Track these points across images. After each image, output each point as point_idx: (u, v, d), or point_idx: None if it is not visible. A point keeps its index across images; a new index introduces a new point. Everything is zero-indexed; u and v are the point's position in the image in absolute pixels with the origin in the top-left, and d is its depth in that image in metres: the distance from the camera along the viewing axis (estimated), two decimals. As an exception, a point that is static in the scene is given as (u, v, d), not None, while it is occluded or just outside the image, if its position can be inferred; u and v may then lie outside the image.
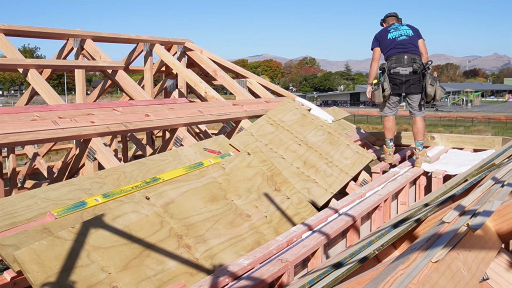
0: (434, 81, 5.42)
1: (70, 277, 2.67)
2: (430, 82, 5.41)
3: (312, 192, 4.75)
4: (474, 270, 2.05)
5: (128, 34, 7.74)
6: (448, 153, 6.65)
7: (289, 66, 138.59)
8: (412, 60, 5.46)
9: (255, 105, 6.64)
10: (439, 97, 5.49)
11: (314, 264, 3.42)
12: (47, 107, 4.72)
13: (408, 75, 5.46)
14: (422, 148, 5.80)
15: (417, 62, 5.45)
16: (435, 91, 5.43)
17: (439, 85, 5.44)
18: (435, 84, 5.41)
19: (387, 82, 5.57)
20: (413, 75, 5.45)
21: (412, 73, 5.44)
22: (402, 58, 5.48)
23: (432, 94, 5.42)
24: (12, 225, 2.98)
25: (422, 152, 5.83)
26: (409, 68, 5.45)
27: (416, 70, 5.44)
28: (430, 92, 5.41)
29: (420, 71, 5.44)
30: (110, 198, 3.42)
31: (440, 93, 5.46)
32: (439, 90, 5.45)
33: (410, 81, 5.48)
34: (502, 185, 2.85)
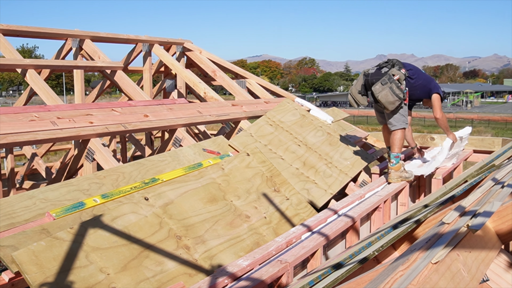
0: (386, 81, 4.65)
1: (68, 278, 2.65)
2: (382, 80, 4.67)
3: (312, 193, 4.74)
4: (474, 271, 2.05)
5: (127, 34, 7.73)
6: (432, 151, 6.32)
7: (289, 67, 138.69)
8: (387, 61, 4.90)
9: (254, 106, 6.63)
10: (384, 99, 4.64)
11: (314, 265, 3.41)
12: (46, 108, 4.71)
13: (373, 73, 4.80)
14: (396, 161, 4.93)
15: (389, 63, 4.83)
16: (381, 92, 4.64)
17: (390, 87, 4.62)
18: (386, 85, 4.63)
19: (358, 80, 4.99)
20: (376, 74, 4.77)
21: (376, 70, 4.80)
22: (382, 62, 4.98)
23: (376, 93, 4.65)
24: (10, 226, 2.97)
25: (397, 166, 4.93)
26: (376, 67, 4.87)
27: (380, 67, 4.80)
28: (375, 90, 4.67)
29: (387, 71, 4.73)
30: (109, 198, 3.41)
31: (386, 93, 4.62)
32: (386, 91, 4.62)
33: (373, 80, 4.76)
34: (502, 186, 2.85)
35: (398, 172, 4.95)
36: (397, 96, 4.63)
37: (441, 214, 2.73)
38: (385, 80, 4.66)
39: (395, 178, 4.95)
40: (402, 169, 4.99)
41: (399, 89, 4.66)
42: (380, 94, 4.63)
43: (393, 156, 4.95)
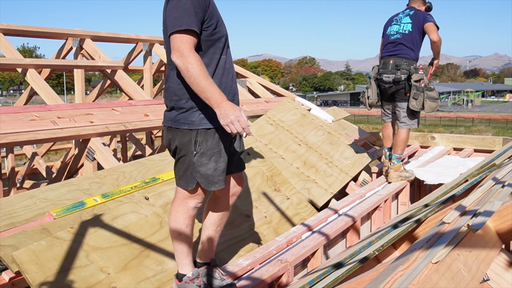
0: (418, 93, 4.69)
1: (69, 277, 2.66)
2: (413, 94, 4.70)
3: (312, 192, 4.74)
4: (475, 271, 2.04)
5: (127, 34, 7.73)
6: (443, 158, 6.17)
7: (289, 66, 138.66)
8: (396, 66, 4.81)
9: (255, 105, 6.63)
10: (430, 109, 4.71)
11: (314, 264, 3.41)
12: (46, 107, 4.71)
13: (391, 82, 4.81)
14: (397, 162, 5.03)
15: (403, 68, 4.77)
16: (422, 104, 4.71)
17: (428, 96, 4.68)
18: (420, 97, 4.68)
19: (371, 89, 4.99)
20: (396, 83, 4.79)
21: (394, 81, 4.79)
22: (388, 64, 4.88)
23: (416, 108, 4.73)
24: (10, 226, 2.97)
25: (397, 166, 5.02)
26: (392, 76, 4.80)
27: (398, 78, 4.77)
28: (413, 107, 4.72)
29: (406, 78, 4.74)
30: (109, 198, 3.41)
31: (430, 105, 4.69)
32: (428, 103, 4.69)
33: (393, 88, 4.83)
34: (502, 186, 2.84)
35: (398, 172, 5.01)
36: (436, 99, 4.70)
37: (442, 214, 2.72)
38: (416, 94, 4.68)
39: (394, 178, 5.00)
40: (402, 169, 5.04)
41: (431, 90, 4.68)
42: (426, 108, 4.67)
43: (395, 157, 4.99)
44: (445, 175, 5.15)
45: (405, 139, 4.95)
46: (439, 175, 5.23)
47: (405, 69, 4.74)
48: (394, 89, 4.80)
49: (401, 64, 4.77)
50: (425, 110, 4.68)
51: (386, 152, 5.13)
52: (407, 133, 4.93)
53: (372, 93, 4.97)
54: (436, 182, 5.12)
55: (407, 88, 4.74)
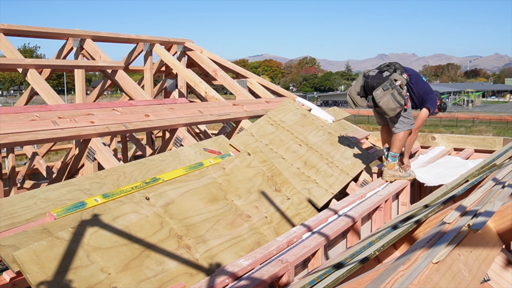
0: (388, 86, 4.52)
1: (69, 277, 2.66)
2: (383, 85, 4.54)
3: (313, 193, 4.74)
4: (475, 271, 2.04)
5: (128, 34, 7.73)
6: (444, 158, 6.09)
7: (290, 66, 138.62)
8: (389, 64, 4.76)
9: (255, 105, 6.63)
10: (385, 105, 4.54)
11: (315, 264, 3.41)
12: (47, 107, 4.71)
13: (374, 76, 4.68)
14: (392, 160, 4.95)
15: (390, 68, 4.68)
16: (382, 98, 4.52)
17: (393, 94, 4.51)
18: (388, 91, 4.51)
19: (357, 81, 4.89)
20: (377, 78, 4.64)
21: (377, 73, 4.68)
22: (383, 64, 4.85)
23: (377, 99, 4.54)
24: (11, 226, 2.97)
25: (391, 165, 4.96)
26: (377, 70, 4.75)
27: (382, 70, 4.67)
28: (376, 96, 4.55)
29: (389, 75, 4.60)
30: (110, 198, 3.41)
31: (387, 100, 4.52)
32: (388, 97, 4.51)
33: (374, 84, 4.64)
34: (503, 186, 2.84)
35: (391, 171, 4.97)
36: (398, 103, 4.57)
37: (442, 214, 2.72)
38: (386, 85, 4.54)
39: (387, 176, 4.98)
40: (397, 168, 4.98)
41: (400, 95, 4.57)
42: (382, 100, 4.54)
43: (391, 155, 4.95)
44: (446, 176, 5.12)
45: (402, 138, 4.88)
46: (439, 177, 5.20)
47: (392, 68, 4.68)
48: (374, 84, 4.63)
49: (392, 64, 4.75)
50: (381, 104, 4.54)
51: (385, 152, 5.10)
52: (403, 133, 4.86)
53: (356, 85, 4.86)
54: (437, 184, 5.08)
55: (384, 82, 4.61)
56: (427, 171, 5.42)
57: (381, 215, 4.47)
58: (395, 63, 4.82)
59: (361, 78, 4.86)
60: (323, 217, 4.01)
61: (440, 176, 5.22)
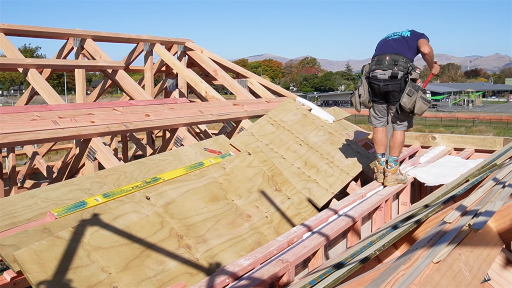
0: (413, 91, 4.43)
1: (70, 277, 2.66)
2: (408, 91, 4.43)
3: (313, 192, 4.74)
4: (476, 271, 2.04)
5: (128, 34, 7.73)
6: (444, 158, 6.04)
7: (290, 66, 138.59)
8: (394, 62, 4.52)
9: (256, 105, 6.63)
10: (420, 111, 4.49)
11: (315, 264, 3.41)
12: (47, 107, 4.72)
13: (387, 80, 4.51)
14: (395, 165, 4.88)
15: (400, 65, 4.49)
16: (413, 103, 4.45)
17: (421, 96, 4.43)
18: (414, 95, 4.42)
19: (363, 87, 4.70)
20: (392, 80, 4.50)
21: (391, 77, 4.49)
22: (383, 60, 4.57)
23: (407, 106, 4.46)
24: (12, 225, 2.97)
25: (394, 169, 4.88)
26: (388, 72, 4.50)
27: (395, 74, 4.47)
28: (405, 103, 4.45)
29: (403, 76, 4.47)
30: (110, 198, 3.41)
31: (421, 105, 4.45)
32: (420, 103, 4.44)
33: (389, 87, 4.53)
34: (503, 186, 2.84)
35: (395, 175, 4.89)
36: (429, 102, 4.51)
37: (443, 214, 2.72)
38: (411, 90, 4.42)
39: (392, 181, 4.88)
40: (398, 172, 4.94)
41: (424, 93, 4.50)
42: (416, 107, 4.45)
43: (393, 160, 4.86)
44: (446, 176, 5.12)
45: (402, 140, 4.82)
46: (440, 176, 5.20)
47: (403, 66, 4.49)
48: (390, 87, 4.53)
49: (399, 60, 4.51)
50: (415, 110, 4.48)
51: (380, 158, 4.94)
52: (404, 134, 4.84)
53: (364, 91, 4.69)
54: (437, 183, 5.08)
55: (403, 86, 4.48)
56: (427, 171, 5.40)
57: (381, 215, 4.48)
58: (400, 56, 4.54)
59: (365, 81, 4.69)
60: (324, 217, 4.01)
61: (440, 176, 5.22)
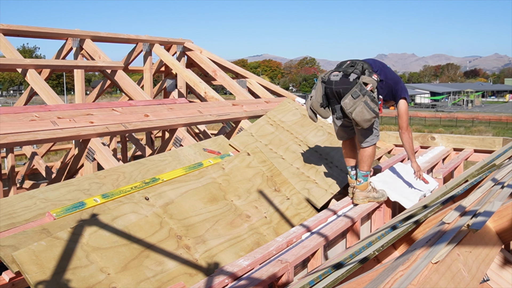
0: (359, 93, 3.79)
1: (69, 277, 2.66)
2: (353, 92, 3.80)
3: (312, 193, 4.74)
4: (475, 271, 2.04)
5: (127, 34, 7.73)
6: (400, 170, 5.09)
7: (289, 66, 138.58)
8: (351, 64, 4.02)
9: (255, 106, 6.63)
10: (359, 117, 3.79)
11: (314, 264, 3.41)
12: (46, 107, 4.71)
13: (338, 81, 3.95)
14: (364, 180, 4.25)
15: (357, 68, 3.94)
16: (354, 108, 3.78)
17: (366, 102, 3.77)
18: (359, 99, 3.77)
19: (316, 90, 4.14)
20: (343, 83, 3.92)
21: (342, 77, 3.94)
22: (343, 64, 4.11)
23: (347, 108, 3.80)
24: (10, 226, 2.97)
25: (364, 185, 4.24)
26: (341, 73, 3.98)
27: (346, 73, 3.93)
28: (345, 104, 3.81)
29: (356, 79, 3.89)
30: (109, 198, 3.41)
31: (361, 110, 3.77)
32: (361, 107, 3.77)
33: (340, 90, 3.93)
34: (502, 186, 2.84)
35: (365, 192, 4.28)
36: (374, 112, 3.83)
37: (442, 214, 2.72)
38: (356, 92, 3.80)
39: (360, 199, 4.27)
40: (370, 188, 4.30)
41: (373, 101, 3.84)
42: (354, 111, 3.78)
43: (362, 175, 4.24)
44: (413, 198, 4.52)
45: (370, 154, 4.18)
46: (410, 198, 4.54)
47: (359, 69, 3.94)
48: (340, 90, 3.93)
49: (358, 64, 4.00)
50: (353, 115, 3.80)
51: (350, 172, 4.40)
52: (372, 148, 4.19)
53: (316, 94, 4.13)
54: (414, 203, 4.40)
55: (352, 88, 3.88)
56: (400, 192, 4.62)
57: (380, 215, 4.47)
58: (360, 61, 4.06)
59: (320, 85, 4.12)
60: (323, 217, 4.01)
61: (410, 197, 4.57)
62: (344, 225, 3.81)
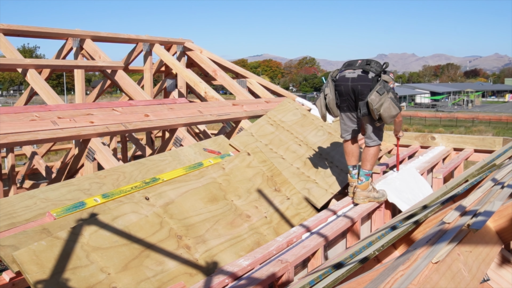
0: (384, 90, 3.87)
1: (69, 277, 2.66)
2: (378, 89, 3.87)
3: (312, 193, 4.74)
4: (475, 271, 2.04)
5: (127, 34, 7.73)
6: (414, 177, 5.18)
7: (289, 66, 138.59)
8: (366, 63, 4.09)
9: (255, 105, 6.63)
10: (386, 112, 3.88)
11: (314, 264, 3.41)
12: (46, 107, 4.72)
13: (356, 78, 4.02)
14: (366, 179, 4.25)
15: (372, 66, 4.02)
16: (381, 104, 3.85)
17: (391, 97, 3.87)
18: (384, 94, 3.86)
19: (329, 88, 4.17)
20: (362, 79, 3.99)
21: (361, 74, 4.01)
22: (355, 62, 4.17)
23: (374, 104, 3.85)
24: (11, 226, 2.97)
25: (365, 184, 4.24)
26: (358, 70, 4.04)
27: (366, 70, 4.01)
28: (372, 100, 3.85)
29: (375, 77, 3.97)
30: (110, 198, 3.41)
31: (388, 106, 3.86)
32: (388, 103, 3.85)
33: (359, 86, 4.00)
34: (502, 186, 2.84)
35: (365, 192, 4.26)
36: (399, 108, 3.96)
37: (442, 214, 2.72)
38: (382, 89, 3.87)
39: (361, 199, 4.25)
40: (371, 188, 4.29)
41: (396, 98, 3.97)
42: (383, 108, 3.86)
43: (364, 174, 4.25)
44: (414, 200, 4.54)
45: (375, 153, 4.24)
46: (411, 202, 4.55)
47: (375, 68, 4.01)
48: (359, 87, 4.00)
49: (372, 62, 4.10)
50: (381, 111, 3.87)
51: (351, 171, 4.38)
52: (377, 148, 4.25)
53: (331, 91, 4.16)
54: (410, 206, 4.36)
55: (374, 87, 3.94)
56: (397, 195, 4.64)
57: (380, 215, 4.47)
58: (373, 61, 4.15)
59: (331, 83, 4.18)
60: (323, 217, 4.01)
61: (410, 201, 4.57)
62: (344, 225, 3.81)
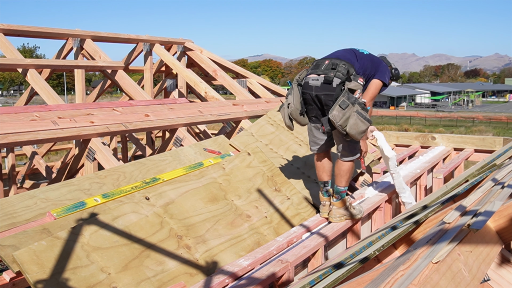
0: (348, 103, 3.31)
1: (69, 277, 2.66)
2: (341, 102, 3.31)
3: (313, 193, 4.73)
4: (475, 271, 2.04)
5: (127, 34, 7.74)
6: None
7: (290, 66, 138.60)
8: (332, 66, 3.50)
9: (255, 105, 6.63)
10: (354, 130, 3.33)
11: (315, 264, 3.41)
12: (47, 107, 4.72)
13: (319, 87, 3.47)
14: (342, 197, 3.79)
15: (339, 71, 3.45)
16: (346, 120, 3.30)
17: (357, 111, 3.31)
18: (349, 108, 3.30)
19: (293, 95, 3.65)
20: (325, 89, 3.46)
21: (323, 83, 3.46)
22: (322, 64, 3.58)
23: (337, 121, 3.31)
24: (11, 226, 2.97)
25: (341, 202, 3.79)
26: (321, 78, 3.48)
27: (329, 79, 3.43)
28: (334, 117, 3.31)
29: (340, 84, 3.43)
30: (110, 198, 3.41)
31: (355, 122, 3.31)
32: (355, 119, 3.30)
33: (322, 97, 3.48)
34: (502, 186, 2.84)
35: (342, 210, 3.81)
36: (368, 121, 3.39)
37: (442, 214, 2.72)
38: (345, 102, 3.31)
39: (337, 217, 3.80)
40: (348, 205, 3.85)
41: (364, 109, 3.38)
42: (349, 125, 3.32)
43: (339, 191, 3.78)
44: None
45: (350, 169, 3.75)
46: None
47: (342, 73, 3.46)
48: (322, 97, 3.49)
49: (339, 65, 3.51)
50: (348, 129, 3.34)
51: (323, 188, 3.92)
52: (353, 163, 3.78)
53: (294, 100, 3.64)
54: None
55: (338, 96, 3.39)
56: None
57: (381, 215, 4.47)
58: (342, 62, 3.56)
59: (296, 89, 3.65)
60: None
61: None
62: (344, 225, 3.81)
